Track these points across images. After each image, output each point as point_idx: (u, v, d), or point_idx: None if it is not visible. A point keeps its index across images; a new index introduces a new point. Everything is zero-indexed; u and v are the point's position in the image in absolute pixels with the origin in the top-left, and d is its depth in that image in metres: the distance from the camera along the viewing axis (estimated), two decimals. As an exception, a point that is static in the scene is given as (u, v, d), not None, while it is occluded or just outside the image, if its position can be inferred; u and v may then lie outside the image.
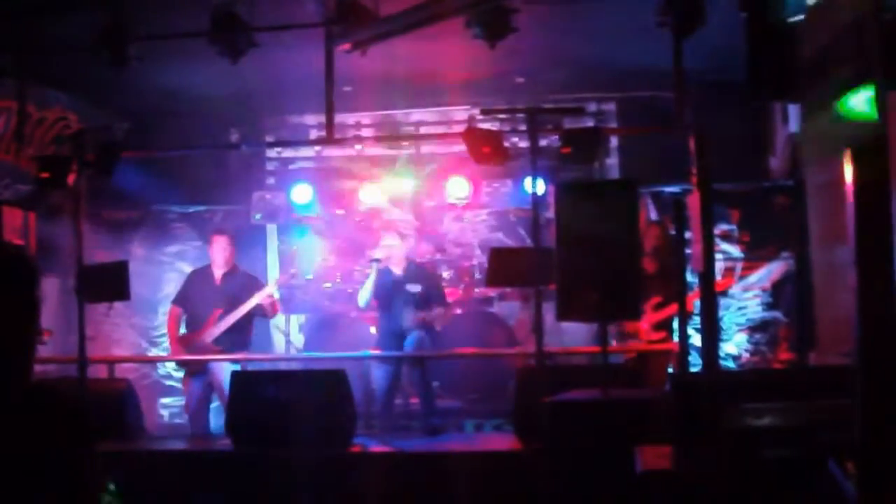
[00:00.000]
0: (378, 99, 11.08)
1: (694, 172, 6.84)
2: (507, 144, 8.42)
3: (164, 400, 11.46)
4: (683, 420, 6.18)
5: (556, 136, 8.39)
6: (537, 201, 8.03)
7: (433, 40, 8.44)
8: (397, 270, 9.89)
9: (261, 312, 9.66)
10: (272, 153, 12.55)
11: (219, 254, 9.74)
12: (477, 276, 11.54)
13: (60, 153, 9.36)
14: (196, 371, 9.54)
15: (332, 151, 12.21)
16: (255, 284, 9.79)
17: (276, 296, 9.90)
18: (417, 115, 11.95)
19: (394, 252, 9.91)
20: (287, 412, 7.93)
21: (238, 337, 9.58)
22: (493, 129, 9.05)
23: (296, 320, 12.14)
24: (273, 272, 11.94)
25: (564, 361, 9.34)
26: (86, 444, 2.60)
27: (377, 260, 9.86)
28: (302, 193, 11.62)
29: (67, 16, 8.30)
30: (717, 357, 7.02)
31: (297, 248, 12.03)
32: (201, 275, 9.92)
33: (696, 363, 8.99)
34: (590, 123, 10.82)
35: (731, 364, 10.63)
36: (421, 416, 9.66)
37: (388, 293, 9.84)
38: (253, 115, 11.68)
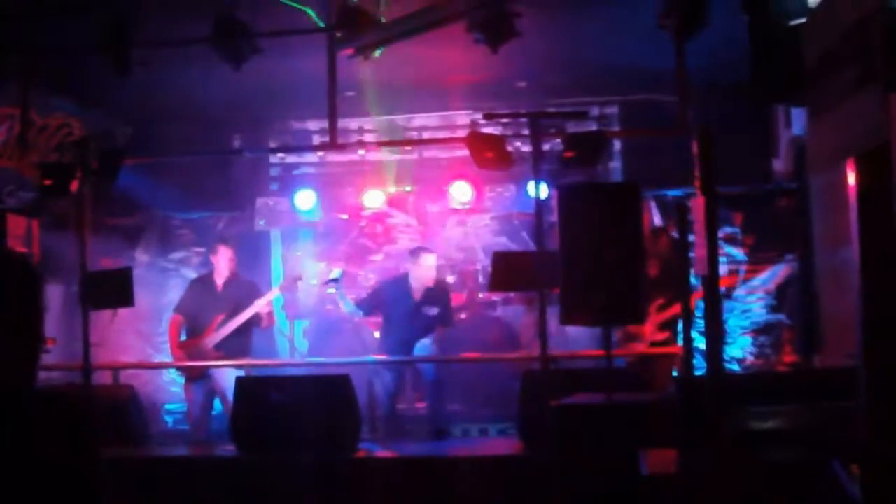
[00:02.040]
0: (381, 104, 11.08)
1: (697, 176, 6.83)
2: (509, 149, 8.40)
3: (169, 406, 11.46)
4: (688, 423, 6.17)
5: (559, 140, 8.39)
6: (540, 205, 8.02)
7: (435, 45, 8.45)
8: (418, 291, 9.84)
9: (256, 322, 9.66)
10: (275, 159, 12.56)
11: (222, 263, 9.76)
12: (480, 280, 11.54)
13: (63, 160, 9.37)
14: (197, 377, 9.55)
15: (335, 157, 12.21)
16: (257, 291, 9.82)
17: (277, 304, 9.91)
18: (420, 120, 11.95)
19: (429, 273, 9.87)
20: (291, 418, 7.93)
21: (239, 343, 9.58)
22: (496, 133, 9.05)
23: (299, 326, 12.14)
24: (277, 278, 11.94)
25: (569, 365, 9.32)
26: (90, 451, 2.60)
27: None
28: (305, 199, 11.63)
29: (70, 22, 8.30)
30: (722, 360, 7.03)
31: (300, 253, 12.04)
32: (203, 283, 9.94)
33: (700, 366, 8.97)
34: (592, 127, 10.82)
35: (735, 367, 10.61)
36: (426, 421, 9.67)
37: (405, 311, 9.81)
38: (256, 121, 11.68)
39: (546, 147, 9.42)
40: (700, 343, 9.09)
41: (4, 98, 9.49)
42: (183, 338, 9.71)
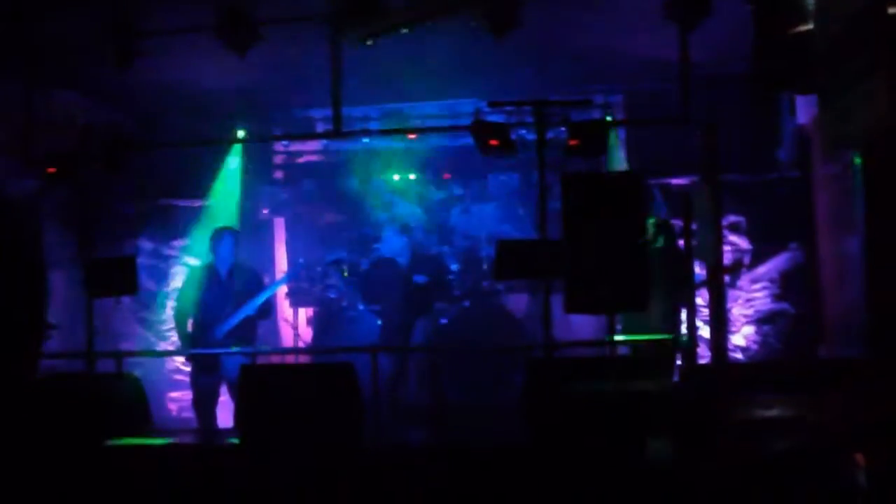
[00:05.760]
0: (385, 92, 11.06)
1: (701, 165, 6.83)
2: (513, 137, 8.41)
3: (173, 394, 11.48)
4: (692, 412, 6.18)
5: (564, 129, 8.38)
6: (545, 194, 8.02)
7: (440, 33, 8.43)
8: (403, 263, 9.94)
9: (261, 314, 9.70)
10: (279, 147, 12.56)
11: (224, 250, 9.75)
12: (485, 268, 11.54)
13: (67, 149, 9.37)
14: (205, 367, 9.56)
15: (339, 145, 12.21)
16: (260, 280, 9.83)
17: (281, 292, 9.93)
18: (424, 107, 11.92)
19: (398, 245, 9.97)
20: (295, 406, 7.94)
21: (245, 332, 9.59)
22: (500, 121, 9.04)
23: (303, 314, 12.16)
24: (280, 266, 11.95)
25: (573, 353, 9.32)
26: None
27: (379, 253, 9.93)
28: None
29: (73, 12, 8.30)
30: (726, 349, 7.03)
31: (304, 241, 12.05)
32: (205, 272, 9.93)
33: (704, 355, 8.98)
34: (597, 116, 10.79)
35: (739, 356, 10.61)
36: (428, 410, 9.68)
37: (394, 287, 9.88)
38: (260, 109, 11.66)
39: (550, 135, 9.42)
40: (704, 332, 9.11)
41: (9, 88, 9.48)
42: (188, 327, 9.72)
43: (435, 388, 9.65)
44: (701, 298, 8.70)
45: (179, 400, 11.35)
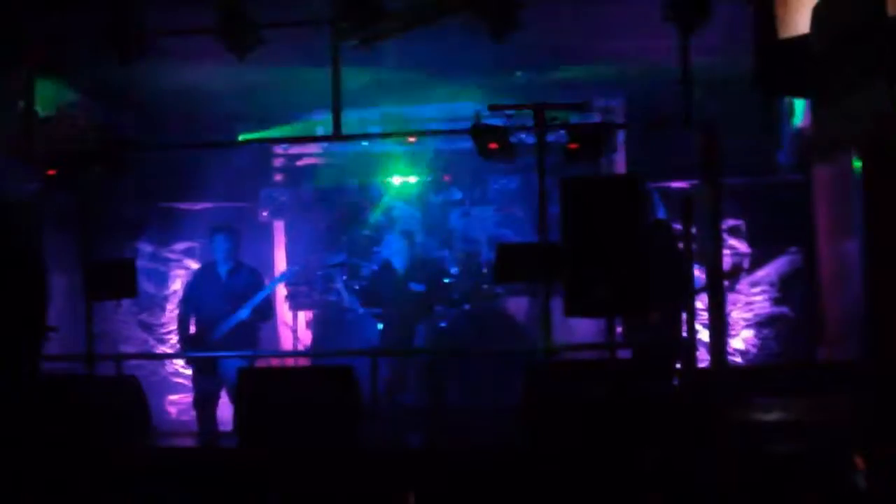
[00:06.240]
0: (385, 95, 11.05)
1: (701, 168, 6.83)
2: (513, 140, 8.42)
3: (172, 397, 11.47)
4: (692, 415, 6.18)
5: (563, 132, 8.38)
6: (544, 197, 8.02)
7: (440, 36, 8.44)
8: (400, 269, 9.95)
9: (258, 316, 9.69)
10: (279, 150, 12.55)
11: (219, 249, 9.74)
12: (484, 271, 11.53)
13: (69, 151, 9.37)
14: (205, 369, 9.55)
15: (339, 148, 12.20)
16: (261, 281, 9.82)
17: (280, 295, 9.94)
18: (424, 111, 11.91)
19: (398, 251, 9.98)
20: (295, 409, 7.94)
21: (246, 334, 9.58)
22: (500, 125, 9.05)
23: (303, 317, 12.15)
24: (280, 269, 11.95)
25: (572, 357, 9.31)
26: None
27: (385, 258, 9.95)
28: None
29: (74, 12, 8.30)
30: (725, 353, 7.03)
31: (303, 244, 12.05)
32: (206, 273, 9.92)
33: (703, 359, 8.97)
34: (597, 119, 10.79)
35: (738, 360, 10.61)
36: (428, 413, 9.68)
37: (394, 294, 9.89)
38: (260, 112, 11.66)
39: (550, 139, 9.43)
40: (703, 336, 9.10)
41: (10, 89, 9.48)
42: (191, 329, 9.72)
43: (434, 391, 9.64)
44: (700, 302, 8.69)
45: (179, 403, 11.34)
